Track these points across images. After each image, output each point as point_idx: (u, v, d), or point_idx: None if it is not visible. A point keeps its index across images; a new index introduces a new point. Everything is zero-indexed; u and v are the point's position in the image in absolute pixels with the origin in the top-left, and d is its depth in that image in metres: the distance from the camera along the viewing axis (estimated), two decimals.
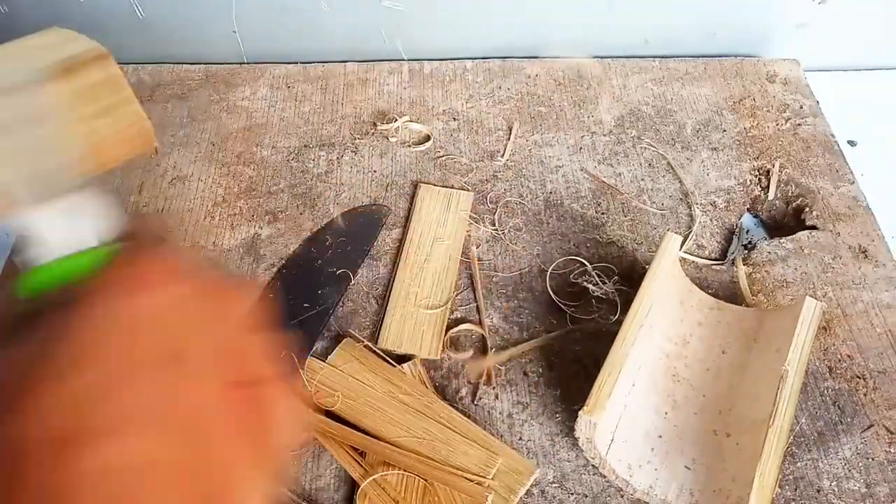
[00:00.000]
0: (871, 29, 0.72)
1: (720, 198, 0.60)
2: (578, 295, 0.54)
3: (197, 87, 0.68)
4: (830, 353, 0.51)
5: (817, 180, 0.61)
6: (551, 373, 0.50)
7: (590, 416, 0.42)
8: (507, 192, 0.60)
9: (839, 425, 0.47)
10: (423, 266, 0.54)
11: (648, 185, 0.61)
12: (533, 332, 0.52)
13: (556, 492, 0.45)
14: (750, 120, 0.66)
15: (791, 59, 0.71)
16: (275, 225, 0.58)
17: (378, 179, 0.61)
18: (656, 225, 0.58)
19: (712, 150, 0.63)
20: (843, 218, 0.58)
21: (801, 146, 0.64)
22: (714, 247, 0.57)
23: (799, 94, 0.68)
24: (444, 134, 0.64)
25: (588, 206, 0.59)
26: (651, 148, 0.63)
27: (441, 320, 0.51)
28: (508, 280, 0.55)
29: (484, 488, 0.43)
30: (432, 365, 0.50)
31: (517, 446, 0.46)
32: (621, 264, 0.55)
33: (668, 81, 0.69)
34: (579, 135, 0.65)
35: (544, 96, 0.68)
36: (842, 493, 0.45)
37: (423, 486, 0.43)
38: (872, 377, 0.49)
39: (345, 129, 0.65)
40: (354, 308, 0.53)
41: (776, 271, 0.55)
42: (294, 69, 0.70)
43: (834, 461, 0.46)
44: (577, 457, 0.46)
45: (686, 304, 0.51)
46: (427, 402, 0.47)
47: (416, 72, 0.70)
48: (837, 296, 0.54)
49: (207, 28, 0.69)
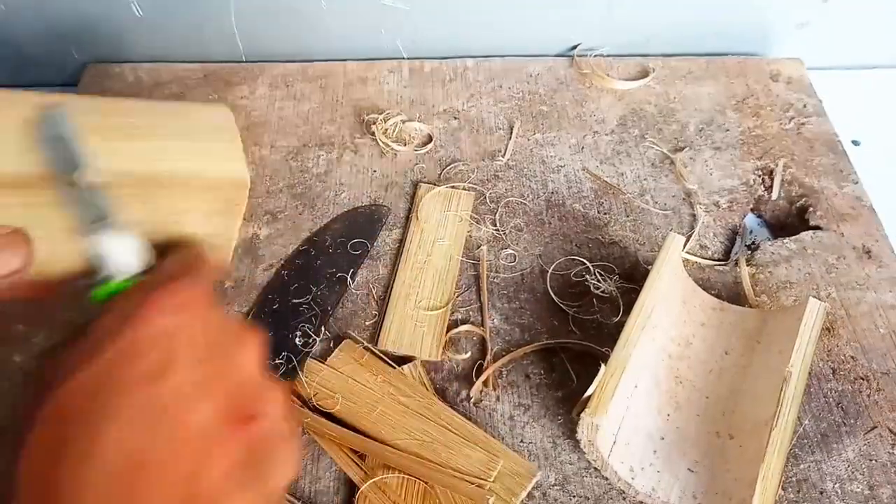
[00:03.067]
0: (876, 27, 0.72)
1: (723, 198, 0.60)
2: (580, 296, 0.53)
3: (196, 85, 0.68)
4: (834, 354, 0.50)
5: (821, 180, 0.61)
6: (553, 375, 0.49)
7: (592, 418, 0.41)
8: (508, 191, 0.60)
9: (842, 427, 0.47)
10: (424, 267, 0.54)
11: (651, 184, 0.60)
12: (534, 333, 0.51)
13: (558, 494, 0.44)
14: (753, 119, 0.66)
15: (795, 57, 0.71)
16: (274, 225, 0.57)
17: (378, 179, 0.61)
18: (659, 225, 0.58)
19: (715, 150, 0.63)
20: (846, 218, 0.58)
21: (805, 146, 0.63)
22: (717, 247, 0.57)
23: (802, 94, 0.68)
24: (445, 133, 0.64)
25: (590, 206, 0.59)
26: (654, 147, 0.63)
27: (441, 321, 0.51)
28: (509, 281, 0.54)
29: (485, 491, 0.42)
30: (433, 366, 0.49)
31: (518, 448, 0.46)
32: (623, 265, 0.55)
33: (671, 80, 0.69)
34: (581, 134, 0.64)
35: (546, 95, 0.67)
36: (845, 494, 0.44)
37: (423, 489, 0.43)
38: (876, 378, 0.49)
39: (344, 129, 0.64)
40: (354, 309, 0.52)
41: (779, 272, 0.55)
42: (293, 68, 0.69)
43: (837, 463, 0.46)
44: (579, 459, 0.45)
45: (689, 304, 0.51)
46: (427, 404, 0.46)
47: (416, 71, 0.69)
48: (841, 296, 0.53)
49: (206, 27, 0.69)
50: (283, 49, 0.71)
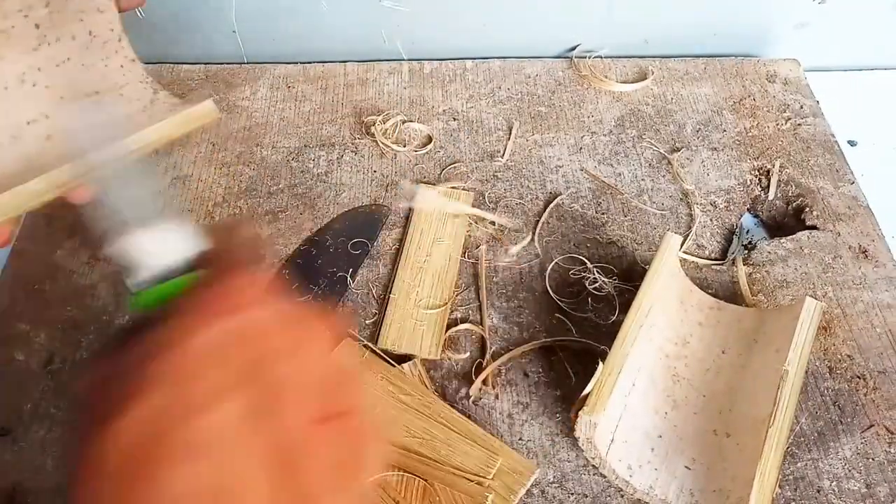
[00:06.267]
0: (872, 28, 0.72)
1: (720, 198, 0.60)
2: (578, 295, 0.53)
3: (197, 86, 0.68)
4: (830, 353, 0.51)
5: (817, 180, 0.61)
6: (551, 373, 0.50)
7: (590, 416, 0.42)
8: (507, 191, 0.60)
9: (839, 425, 0.47)
10: (423, 266, 0.54)
11: (648, 184, 0.61)
12: (533, 331, 0.52)
13: (556, 492, 0.45)
14: (750, 120, 0.66)
15: (791, 58, 0.71)
16: (275, 225, 0.58)
17: (378, 179, 0.61)
18: (656, 225, 0.58)
19: (712, 150, 0.63)
20: (843, 218, 0.58)
21: (802, 146, 0.64)
22: (714, 247, 0.57)
23: (799, 94, 0.68)
24: (445, 134, 0.64)
25: (588, 206, 0.59)
26: (652, 147, 0.63)
27: (441, 320, 0.51)
28: (508, 280, 0.55)
29: (484, 488, 0.43)
30: (432, 365, 0.50)
31: (517, 446, 0.46)
32: (621, 264, 0.55)
33: (668, 81, 0.69)
34: (579, 135, 0.65)
35: (544, 96, 0.68)
36: (842, 492, 0.45)
37: (423, 487, 0.43)
38: (872, 377, 0.49)
39: (345, 130, 0.65)
40: (354, 308, 0.53)
41: (776, 271, 0.55)
42: (294, 69, 0.70)
43: (834, 461, 0.46)
44: (578, 457, 0.46)
45: (686, 304, 0.51)
46: (427, 402, 0.47)
47: (416, 72, 0.70)
48: (837, 296, 0.54)
49: (207, 28, 0.69)
50: (284, 50, 0.71)
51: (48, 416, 0.47)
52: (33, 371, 0.49)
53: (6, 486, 0.44)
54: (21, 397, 0.48)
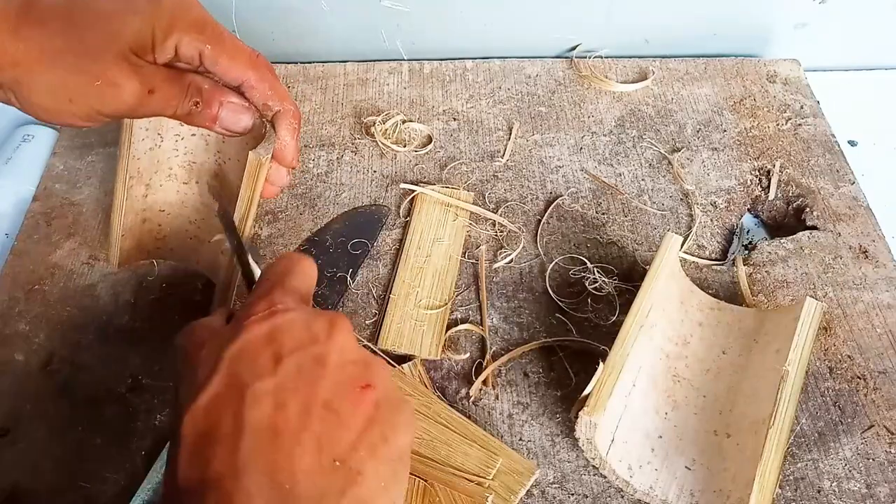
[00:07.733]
0: (872, 28, 0.72)
1: (720, 198, 0.60)
2: (578, 295, 0.53)
3: None
4: (831, 353, 0.51)
5: (818, 180, 0.61)
6: (551, 373, 0.50)
7: (590, 417, 0.42)
8: (507, 192, 0.60)
9: (840, 425, 0.47)
10: (423, 266, 0.54)
11: (649, 185, 0.61)
12: (533, 332, 0.52)
13: (557, 492, 0.45)
14: (750, 120, 0.66)
15: (791, 58, 0.71)
16: (274, 225, 0.58)
17: (378, 179, 0.61)
18: (656, 225, 0.58)
19: (713, 151, 0.63)
20: (843, 218, 0.58)
21: (802, 146, 0.64)
22: (714, 247, 0.57)
23: (799, 94, 0.68)
24: (445, 134, 0.64)
25: (588, 207, 0.59)
26: (652, 148, 0.63)
27: (441, 321, 0.51)
28: (508, 280, 0.54)
29: (484, 489, 0.43)
30: (432, 365, 0.50)
31: (517, 447, 0.46)
32: (622, 264, 0.55)
33: (669, 81, 0.69)
34: (579, 135, 0.65)
35: (544, 96, 0.68)
36: (842, 493, 0.45)
37: (423, 487, 0.43)
38: (873, 377, 0.49)
39: (344, 130, 0.65)
40: (354, 308, 0.53)
41: (776, 271, 0.55)
42: (294, 69, 0.70)
43: (834, 461, 0.46)
44: (578, 457, 0.46)
45: (686, 304, 0.51)
46: (427, 403, 0.46)
47: (415, 72, 0.70)
48: (838, 296, 0.54)
49: None
50: (284, 50, 0.71)
51: (48, 416, 0.47)
52: (33, 371, 0.49)
53: (6, 486, 0.44)
54: (21, 397, 0.48)
